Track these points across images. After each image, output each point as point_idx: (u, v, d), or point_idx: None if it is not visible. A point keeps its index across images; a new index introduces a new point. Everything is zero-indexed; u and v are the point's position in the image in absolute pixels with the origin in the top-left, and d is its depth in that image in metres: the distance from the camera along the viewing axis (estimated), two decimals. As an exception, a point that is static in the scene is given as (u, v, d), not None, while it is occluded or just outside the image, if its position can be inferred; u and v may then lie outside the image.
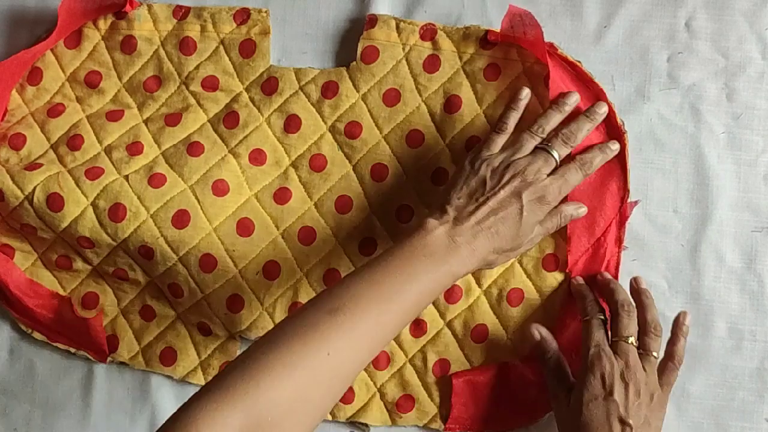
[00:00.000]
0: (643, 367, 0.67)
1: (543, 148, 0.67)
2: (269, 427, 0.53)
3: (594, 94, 0.73)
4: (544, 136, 0.68)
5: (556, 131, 0.68)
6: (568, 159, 0.68)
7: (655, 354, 0.68)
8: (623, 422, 0.64)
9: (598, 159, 0.70)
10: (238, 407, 0.52)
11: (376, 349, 0.60)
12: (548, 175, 0.66)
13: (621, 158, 0.73)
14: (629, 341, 0.67)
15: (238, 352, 0.75)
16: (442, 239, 0.62)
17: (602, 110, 0.70)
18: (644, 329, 0.68)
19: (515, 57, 0.73)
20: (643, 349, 0.68)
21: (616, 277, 0.73)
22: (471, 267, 0.63)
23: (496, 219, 0.64)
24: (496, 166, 0.66)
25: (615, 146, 0.71)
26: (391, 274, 0.60)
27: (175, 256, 0.72)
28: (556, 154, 0.67)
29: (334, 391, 0.57)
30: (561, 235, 0.73)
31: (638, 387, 0.66)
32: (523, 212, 0.64)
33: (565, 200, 0.70)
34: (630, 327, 0.68)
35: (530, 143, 0.67)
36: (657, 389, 0.67)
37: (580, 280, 0.72)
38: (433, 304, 0.74)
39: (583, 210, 0.70)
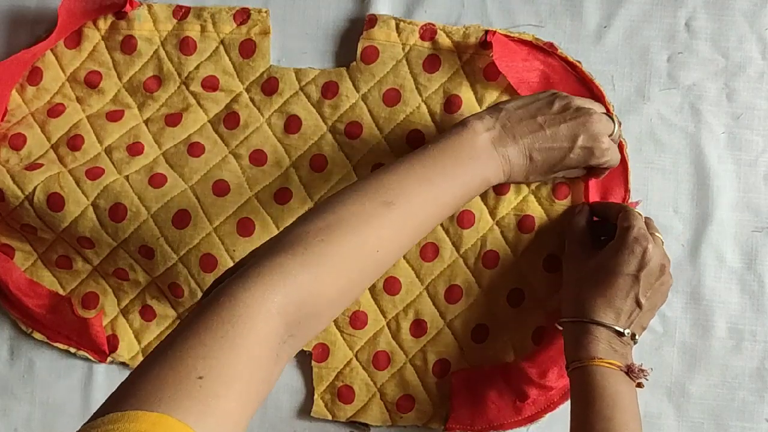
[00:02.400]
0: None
1: (608, 114, 0.68)
2: (313, 316, 0.53)
3: (594, 94, 0.73)
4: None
5: None
6: None
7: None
8: (638, 303, 0.65)
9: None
10: (290, 294, 0.51)
11: (415, 243, 0.61)
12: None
13: (621, 159, 0.73)
14: (657, 233, 0.68)
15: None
16: (486, 145, 0.63)
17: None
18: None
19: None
20: None
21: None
22: (502, 179, 0.65)
23: (542, 148, 0.65)
24: (567, 101, 0.66)
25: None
26: (439, 173, 0.61)
27: (176, 256, 0.72)
28: (615, 124, 0.68)
29: (373, 280, 0.58)
30: (562, 233, 0.73)
31: (662, 278, 0.66)
32: (570, 154, 0.65)
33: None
34: (651, 224, 0.69)
35: (599, 106, 0.68)
36: (667, 292, 0.68)
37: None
38: (434, 304, 0.74)
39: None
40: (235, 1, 0.76)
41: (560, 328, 0.68)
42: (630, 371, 0.64)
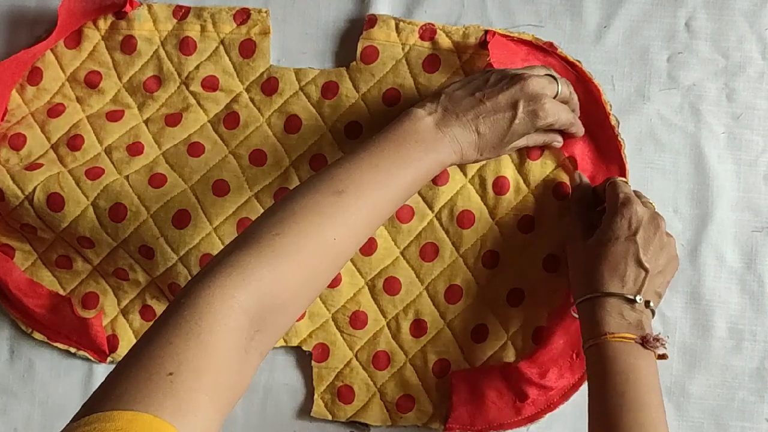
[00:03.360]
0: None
1: (551, 74, 0.68)
2: (277, 309, 0.54)
3: (592, 94, 0.73)
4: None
5: None
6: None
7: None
8: (640, 264, 0.64)
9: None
10: (250, 289, 0.53)
11: (372, 231, 0.62)
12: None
13: (618, 159, 0.73)
14: (648, 200, 0.68)
15: (238, 352, 0.75)
16: (430, 128, 0.64)
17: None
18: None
19: (515, 57, 0.73)
20: None
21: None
22: (455, 159, 0.65)
23: (486, 119, 0.65)
24: (503, 73, 0.67)
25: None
26: (387, 159, 0.62)
27: (176, 256, 0.72)
28: (559, 84, 0.68)
29: (335, 270, 0.60)
30: (562, 236, 0.73)
31: (662, 239, 0.66)
32: (515, 121, 0.65)
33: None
34: (640, 195, 0.69)
35: (541, 69, 0.68)
36: (675, 255, 0.68)
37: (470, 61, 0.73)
38: (434, 304, 0.74)
39: (558, 143, 0.71)
40: (235, 1, 0.76)
41: (576, 315, 0.68)
42: (645, 342, 0.63)
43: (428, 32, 0.74)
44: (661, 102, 0.75)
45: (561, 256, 0.73)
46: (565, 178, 0.73)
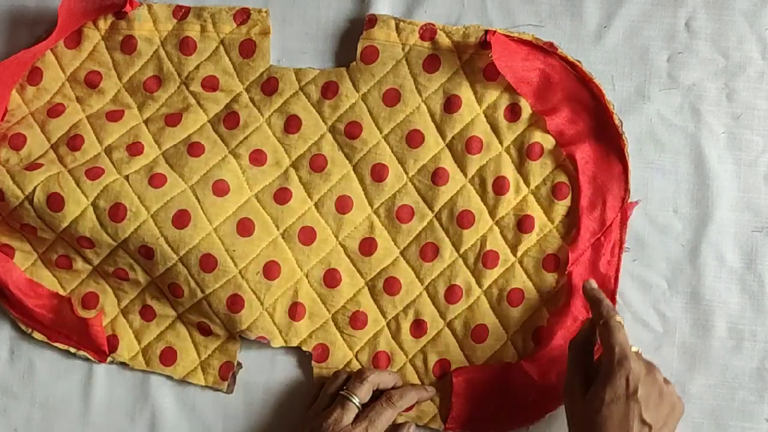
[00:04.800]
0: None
1: (342, 395, 0.70)
2: None
3: (593, 93, 0.74)
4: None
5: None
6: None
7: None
8: (644, 422, 0.63)
9: (410, 396, 0.72)
10: None
11: None
12: (353, 422, 0.69)
13: (622, 159, 0.74)
14: (617, 316, 0.67)
15: (238, 352, 0.75)
16: None
17: (402, 402, 0.72)
18: None
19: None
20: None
21: (616, 278, 0.73)
22: None
23: None
24: None
25: (431, 390, 0.74)
26: None
27: (176, 256, 0.72)
28: (356, 399, 0.70)
29: None
30: (562, 236, 0.73)
31: (662, 391, 0.65)
32: None
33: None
34: (609, 309, 0.67)
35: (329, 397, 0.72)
36: (677, 401, 0.67)
37: (594, 284, 0.70)
38: (434, 304, 0.74)
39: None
40: (235, 1, 0.76)
41: None
42: None
43: (428, 32, 0.74)
44: (661, 102, 0.75)
45: (560, 255, 0.73)
46: (564, 179, 0.73)
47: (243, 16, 0.75)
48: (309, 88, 0.75)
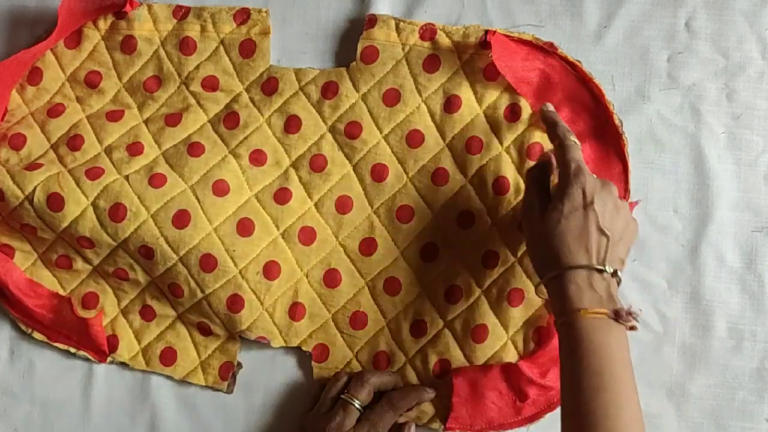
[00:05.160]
0: None
1: (344, 399, 0.71)
2: None
3: (593, 93, 0.74)
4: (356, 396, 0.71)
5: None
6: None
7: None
8: (602, 232, 0.63)
9: (411, 397, 0.72)
10: None
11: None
12: (355, 425, 0.69)
13: (622, 158, 0.74)
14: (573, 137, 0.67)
15: (238, 352, 0.75)
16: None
17: (403, 403, 0.72)
18: None
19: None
20: None
21: (616, 277, 0.74)
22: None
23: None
24: None
25: (431, 392, 0.73)
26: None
27: (176, 256, 0.72)
28: (357, 403, 0.70)
29: None
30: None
31: (616, 203, 0.65)
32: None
33: None
34: (563, 128, 0.68)
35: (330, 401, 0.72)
36: (632, 219, 0.67)
37: (550, 107, 0.71)
38: (434, 304, 0.74)
39: None
40: (235, 1, 0.76)
41: (542, 296, 0.67)
42: (618, 316, 0.62)
43: (428, 32, 0.74)
44: (661, 102, 0.75)
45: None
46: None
47: (243, 16, 0.75)
48: (309, 88, 0.75)
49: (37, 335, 0.76)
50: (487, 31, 0.73)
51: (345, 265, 0.74)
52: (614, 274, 0.64)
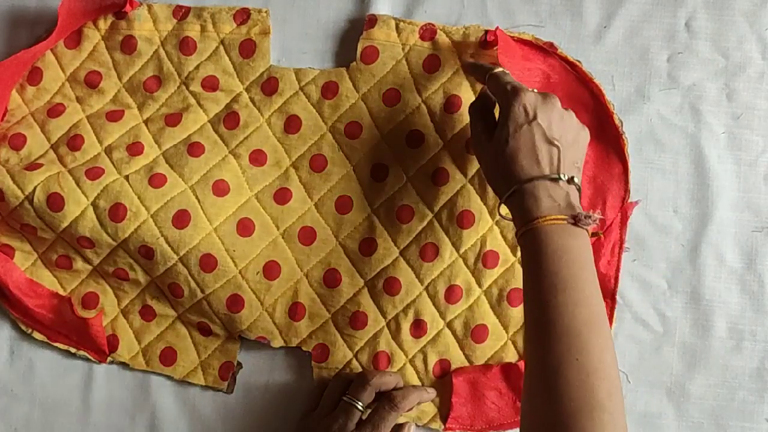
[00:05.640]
0: None
1: (346, 400, 0.71)
2: None
3: (593, 93, 0.74)
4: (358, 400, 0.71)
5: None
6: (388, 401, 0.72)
7: None
8: (550, 142, 0.63)
9: (412, 398, 0.72)
10: None
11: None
12: (357, 427, 0.70)
13: (622, 158, 0.74)
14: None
15: (238, 353, 0.75)
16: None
17: (404, 403, 0.72)
18: None
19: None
20: None
21: (617, 278, 0.73)
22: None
23: None
24: None
25: (432, 392, 0.74)
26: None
27: (176, 256, 0.72)
28: (359, 405, 0.70)
29: None
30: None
31: (561, 113, 0.65)
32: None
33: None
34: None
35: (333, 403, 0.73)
36: (581, 126, 0.66)
37: (466, 58, 0.73)
38: (434, 304, 0.74)
39: None
40: (235, 1, 0.76)
41: (506, 218, 0.66)
42: (576, 220, 0.62)
43: (428, 32, 0.74)
44: (661, 102, 0.75)
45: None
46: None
47: (243, 16, 0.75)
48: (309, 88, 0.75)
49: (37, 335, 0.76)
50: (487, 31, 0.73)
51: (345, 265, 0.74)
52: (570, 180, 0.64)
